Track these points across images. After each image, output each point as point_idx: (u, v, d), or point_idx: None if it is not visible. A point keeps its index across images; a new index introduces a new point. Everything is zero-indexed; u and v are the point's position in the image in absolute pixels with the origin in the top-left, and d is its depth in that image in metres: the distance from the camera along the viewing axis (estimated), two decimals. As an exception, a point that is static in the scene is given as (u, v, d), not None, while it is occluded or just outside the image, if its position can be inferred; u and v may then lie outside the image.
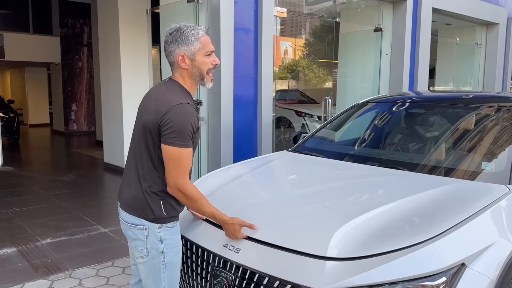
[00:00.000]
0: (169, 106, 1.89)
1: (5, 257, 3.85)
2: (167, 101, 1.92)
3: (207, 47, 2.01)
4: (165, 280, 2.04)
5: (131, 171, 2.04)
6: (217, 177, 2.84)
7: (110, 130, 7.82)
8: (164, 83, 2.07)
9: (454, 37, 9.46)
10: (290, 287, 1.77)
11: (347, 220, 1.96)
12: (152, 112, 1.94)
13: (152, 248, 2.01)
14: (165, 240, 2.00)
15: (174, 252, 2.04)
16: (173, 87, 2.00)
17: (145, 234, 2.00)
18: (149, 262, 2.03)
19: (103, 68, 7.79)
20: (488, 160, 2.64)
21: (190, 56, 1.98)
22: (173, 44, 1.97)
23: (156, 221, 1.98)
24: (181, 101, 1.92)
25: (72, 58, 13.21)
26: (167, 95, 1.96)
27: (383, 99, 3.74)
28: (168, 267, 2.03)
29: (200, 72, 2.02)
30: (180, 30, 1.97)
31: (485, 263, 1.75)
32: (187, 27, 1.98)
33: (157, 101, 1.96)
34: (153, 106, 1.96)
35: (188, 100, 1.95)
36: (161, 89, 2.03)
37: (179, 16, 5.33)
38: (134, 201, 2.00)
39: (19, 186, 6.58)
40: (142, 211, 1.98)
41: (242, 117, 5.03)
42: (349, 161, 3.09)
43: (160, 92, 2.00)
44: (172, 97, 1.94)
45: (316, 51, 13.32)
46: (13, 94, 17.34)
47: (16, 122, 11.06)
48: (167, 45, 2.00)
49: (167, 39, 1.99)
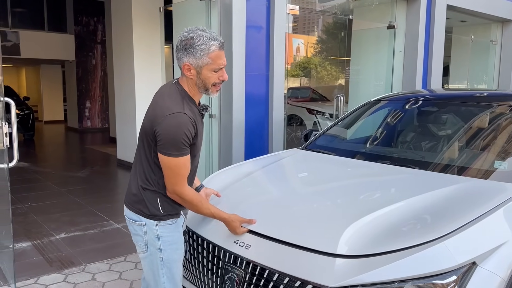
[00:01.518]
0: (163, 115, 1.87)
1: (20, 251, 3.93)
2: (162, 109, 1.90)
3: (216, 63, 1.95)
4: (163, 276, 2.07)
5: (134, 169, 2.08)
6: (228, 174, 2.85)
7: (123, 127, 7.90)
8: (170, 84, 2.05)
9: (468, 34, 9.33)
10: (300, 283, 1.78)
11: (357, 217, 1.96)
12: (149, 118, 1.95)
13: (150, 244, 2.05)
14: (162, 237, 2.03)
15: (172, 250, 2.06)
16: (175, 92, 1.98)
17: (143, 230, 2.05)
18: (148, 258, 2.08)
19: (117, 65, 7.86)
20: (501, 159, 2.62)
21: (196, 68, 1.93)
22: (182, 52, 1.93)
23: (152, 217, 2.01)
24: (176, 110, 1.88)
25: (86, 56, 13.34)
26: (166, 100, 1.94)
27: (396, 97, 3.72)
28: (166, 264, 2.06)
29: (204, 84, 1.98)
30: (192, 40, 1.90)
31: (497, 262, 1.74)
32: (199, 39, 1.89)
33: (155, 106, 1.95)
34: (151, 111, 1.96)
35: (185, 109, 1.91)
36: (165, 91, 2.02)
37: (192, 13, 5.35)
38: (134, 197, 2.04)
39: (34, 181, 6.69)
40: (140, 207, 2.02)
41: (253, 115, 5.04)
42: (361, 159, 3.08)
43: (162, 95, 1.99)
44: (169, 104, 1.90)
45: (329, 48, 13.24)
46: (28, 91, 17.58)
47: (31, 119, 11.22)
48: (177, 50, 1.96)
49: (178, 44, 1.95)
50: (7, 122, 3.09)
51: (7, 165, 3.10)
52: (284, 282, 1.82)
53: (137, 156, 2.07)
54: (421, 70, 6.94)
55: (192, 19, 5.39)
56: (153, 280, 2.10)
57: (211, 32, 1.94)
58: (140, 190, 2.01)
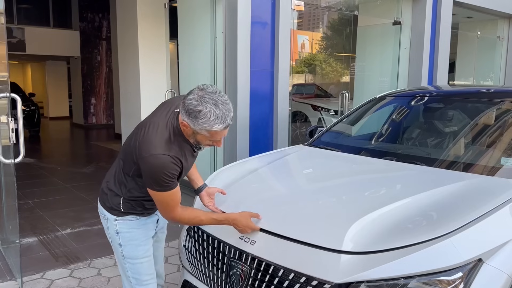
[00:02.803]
0: (148, 153, 1.81)
1: (27, 246, 3.95)
2: (149, 145, 1.82)
3: (213, 137, 1.84)
4: (128, 271, 2.12)
5: (113, 168, 2.12)
6: (233, 170, 2.85)
7: (128, 123, 7.90)
8: (170, 114, 1.92)
9: (475, 31, 9.27)
10: (305, 279, 1.78)
11: (363, 214, 1.96)
12: (135, 146, 1.88)
13: (112, 239, 2.10)
14: (121, 233, 2.05)
15: (132, 246, 2.06)
16: (168, 128, 1.88)
17: (106, 224, 2.09)
18: (114, 252, 2.15)
19: (122, 61, 7.87)
20: (508, 155, 2.60)
21: (193, 129, 1.81)
22: (184, 113, 1.77)
23: (112, 212, 2.04)
24: (159, 151, 1.80)
25: (91, 52, 13.37)
26: (156, 135, 1.85)
27: (401, 94, 3.70)
28: (128, 260, 2.08)
29: (197, 142, 1.91)
30: (198, 114, 1.73)
31: (503, 259, 1.73)
32: (205, 117, 1.73)
33: (143, 137, 1.86)
34: (139, 139, 1.87)
35: (171, 149, 1.83)
36: (160, 121, 1.90)
37: (197, 9, 5.35)
38: (104, 194, 2.09)
39: (39, 177, 6.73)
40: (104, 201, 2.08)
41: (258, 111, 5.03)
42: (366, 155, 3.07)
43: (156, 125, 1.88)
44: (157, 142, 1.82)
45: (334, 44, 13.19)
46: (34, 87, 17.65)
47: (36, 115, 11.26)
48: (182, 106, 1.79)
49: (185, 102, 1.77)
50: (13, 118, 3.10)
51: (13, 160, 3.12)
52: (289, 278, 1.82)
53: (119, 159, 2.08)
54: (427, 67, 6.91)
55: (197, 15, 5.39)
56: (122, 272, 2.18)
57: (223, 107, 1.76)
58: (108, 189, 2.06)
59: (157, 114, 1.99)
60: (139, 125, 2.02)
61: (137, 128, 2.00)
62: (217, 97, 1.76)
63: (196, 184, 2.31)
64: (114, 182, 2.06)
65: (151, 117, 2.00)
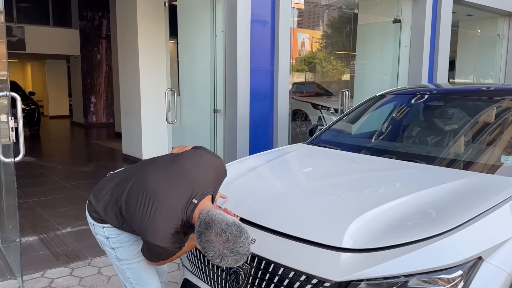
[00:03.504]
0: (151, 240, 1.76)
1: (27, 245, 3.95)
2: (154, 232, 1.75)
3: None
4: (126, 272, 2.10)
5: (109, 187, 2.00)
6: (233, 168, 2.85)
7: (128, 122, 7.91)
8: (184, 202, 1.80)
9: (475, 29, 9.26)
10: (305, 277, 1.78)
11: (363, 211, 1.96)
12: (142, 216, 1.78)
13: (103, 244, 2.08)
14: (110, 238, 2.03)
15: (124, 247, 2.05)
16: (178, 220, 1.78)
17: (93, 230, 2.07)
18: (109, 256, 2.12)
19: (122, 60, 7.87)
20: (508, 153, 2.60)
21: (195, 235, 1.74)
22: (196, 231, 1.71)
23: (98, 220, 2.02)
24: (165, 244, 1.76)
25: (91, 51, 13.36)
26: (165, 223, 1.76)
27: (402, 92, 3.70)
28: (124, 261, 2.07)
29: None
30: (205, 242, 1.67)
31: (503, 257, 1.73)
32: (213, 253, 1.65)
33: (153, 219, 1.76)
34: (148, 213, 1.77)
35: (175, 243, 1.79)
36: (175, 203, 1.79)
37: (197, 8, 5.35)
38: (93, 201, 2.04)
39: (40, 176, 6.73)
40: (92, 209, 2.04)
41: (258, 110, 5.03)
42: (366, 154, 3.07)
43: (168, 209, 1.77)
44: (164, 234, 1.76)
45: (334, 43, 13.18)
46: (34, 86, 17.65)
47: (36, 114, 11.26)
48: (203, 236, 1.68)
49: (205, 231, 1.67)
50: (13, 117, 3.10)
51: (13, 159, 3.12)
52: (290, 276, 1.82)
53: (118, 187, 1.95)
54: (427, 65, 6.91)
55: (197, 14, 5.38)
56: (121, 275, 2.17)
57: (236, 253, 1.66)
58: (97, 203, 1.99)
59: (172, 183, 1.83)
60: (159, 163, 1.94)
61: (156, 166, 1.92)
62: (238, 251, 1.66)
63: None
64: (105, 207, 1.97)
65: (164, 181, 1.84)
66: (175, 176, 1.85)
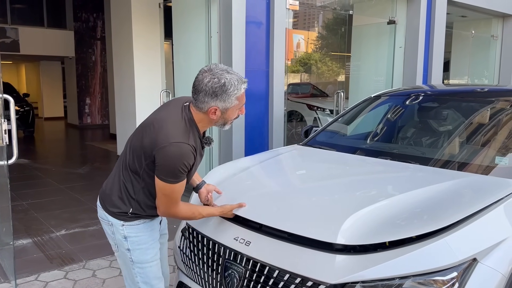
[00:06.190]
0: (167, 141, 1.83)
1: (21, 248, 3.93)
2: (167, 135, 1.85)
3: (241, 102, 1.95)
4: (137, 276, 2.09)
5: (116, 170, 2.07)
6: (225, 168, 2.85)
7: (123, 123, 7.89)
8: (180, 108, 1.97)
9: (469, 30, 9.30)
10: (300, 280, 1.78)
11: (357, 209, 1.96)
12: (151, 139, 1.89)
13: (119, 244, 2.07)
14: (129, 237, 2.03)
15: (141, 250, 2.05)
16: (183, 120, 1.93)
17: (111, 230, 2.06)
18: (120, 258, 2.12)
19: (116, 62, 7.85)
20: (502, 154, 2.61)
21: (223, 110, 1.91)
22: (211, 97, 1.86)
23: (118, 217, 2.01)
24: (180, 139, 1.85)
25: (86, 52, 13.31)
26: (172, 127, 1.89)
27: (396, 93, 3.70)
28: (137, 265, 2.07)
29: (225, 121, 1.99)
30: (224, 87, 1.85)
31: (497, 258, 1.74)
32: (231, 84, 1.85)
33: (160, 130, 1.89)
34: (154, 133, 1.90)
35: (190, 139, 1.89)
36: (173, 115, 1.95)
37: (191, 9, 5.33)
38: (107, 197, 2.05)
39: (34, 178, 6.69)
40: (109, 205, 2.03)
41: (253, 111, 5.02)
42: (361, 155, 3.07)
43: (169, 120, 1.92)
44: (175, 132, 1.87)
45: (329, 44, 13.21)
46: (28, 87, 17.56)
47: (31, 115, 11.21)
48: (203, 94, 1.86)
49: (204, 88, 1.85)
50: (6, 119, 3.08)
51: (7, 162, 3.10)
52: (284, 279, 1.82)
53: (123, 160, 2.04)
54: (421, 66, 6.93)
55: (191, 15, 5.37)
56: (130, 278, 2.15)
57: (231, 70, 1.90)
58: (117, 191, 2.02)
59: (164, 111, 2.01)
60: (145, 123, 2.02)
61: (143, 127, 2.00)
62: (221, 67, 1.89)
63: (194, 182, 2.31)
64: (119, 186, 2.02)
65: (157, 114, 2.01)
66: (160, 115, 2.00)
